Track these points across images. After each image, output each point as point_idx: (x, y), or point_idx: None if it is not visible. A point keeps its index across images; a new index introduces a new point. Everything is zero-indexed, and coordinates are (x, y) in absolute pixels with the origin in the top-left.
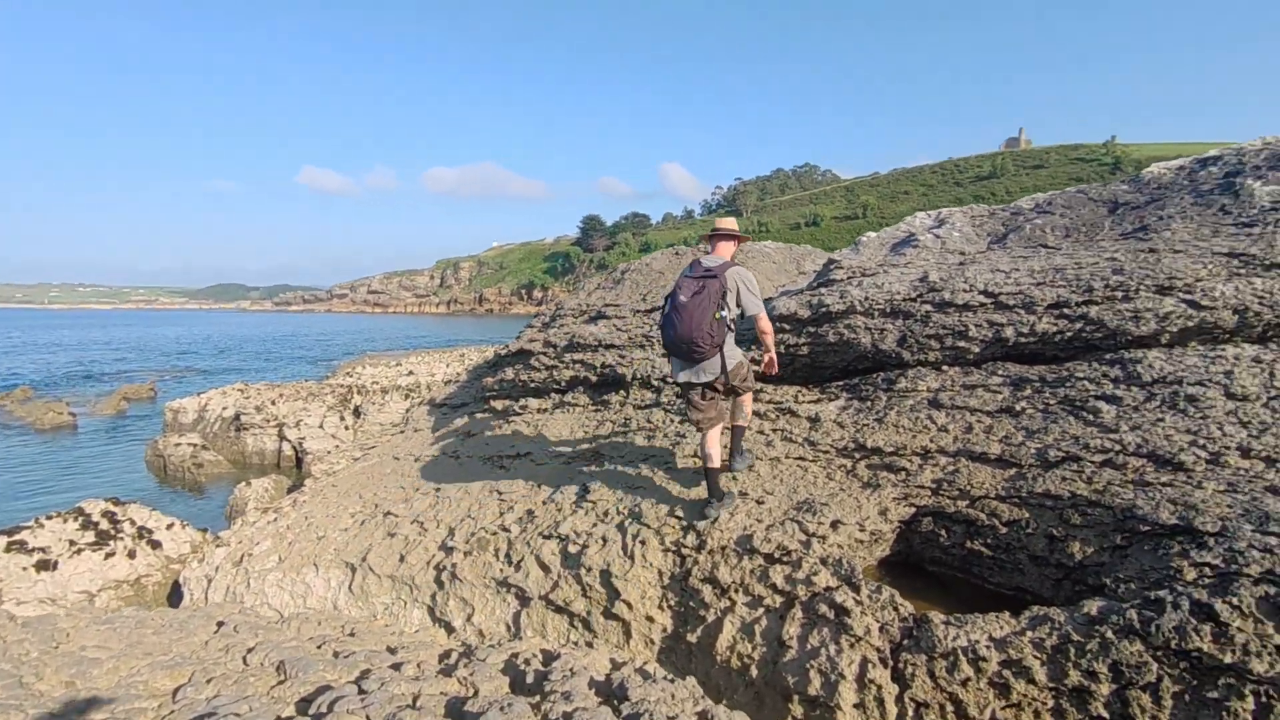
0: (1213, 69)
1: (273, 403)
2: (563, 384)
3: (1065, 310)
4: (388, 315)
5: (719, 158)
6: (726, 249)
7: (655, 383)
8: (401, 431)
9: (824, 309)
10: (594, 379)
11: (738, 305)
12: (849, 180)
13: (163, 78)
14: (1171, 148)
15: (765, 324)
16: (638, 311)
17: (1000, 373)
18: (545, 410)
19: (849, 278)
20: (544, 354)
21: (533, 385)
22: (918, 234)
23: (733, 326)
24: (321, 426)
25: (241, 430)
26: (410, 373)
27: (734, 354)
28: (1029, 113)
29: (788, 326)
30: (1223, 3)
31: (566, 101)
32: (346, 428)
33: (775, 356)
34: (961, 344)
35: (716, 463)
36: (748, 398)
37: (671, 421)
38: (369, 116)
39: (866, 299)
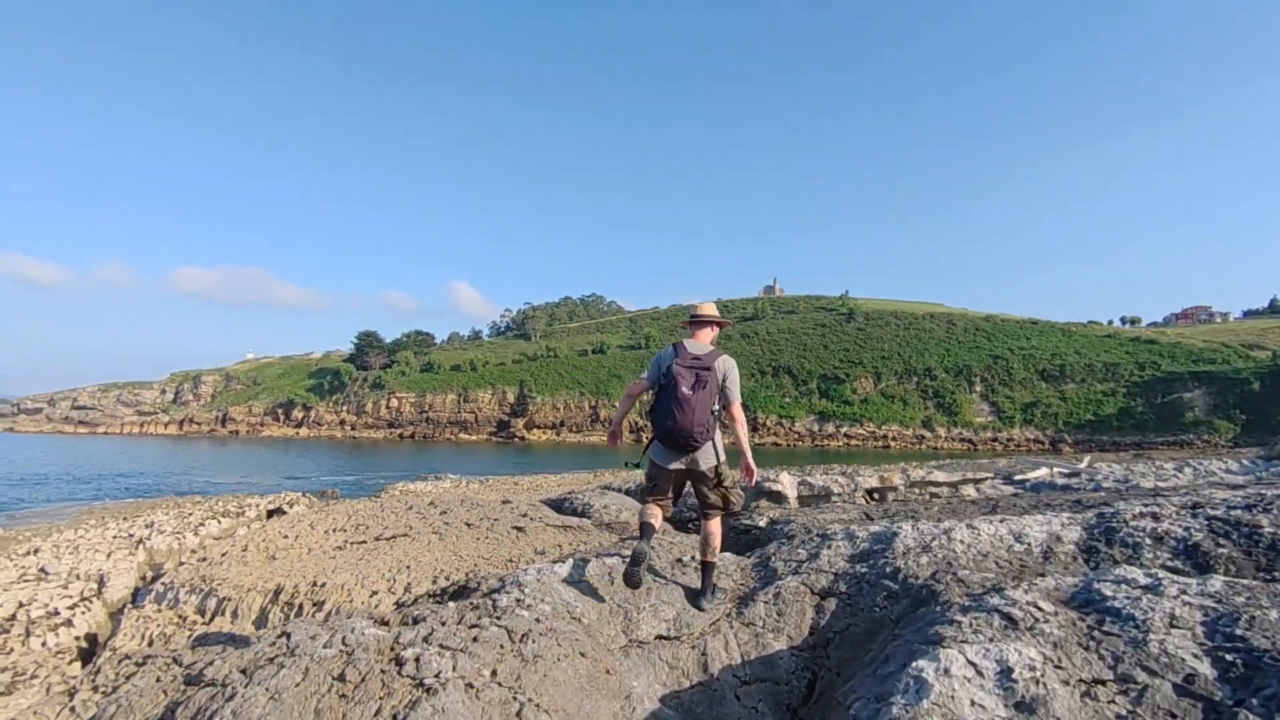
0: (921, 243)
1: None
2: None
3: None
4: (96, 437)
5: (509, 280)
6: (708, 335)
7: None
8: None
9: None
10: None
11: (723, 395)
12: (633, 312)
13: None
14: (889, 303)
15: (740, 412)
16: None
17: None
18: None
19: None
20: None
21: None
22: None
23: (721, 419)
24: None
25: None
26: (44, 573)
27: (720, 447)
28: (781, 265)
29: None
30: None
31: (349, 205)
32: None
33: (752, 461)
34: None
35: (657, 524)
36: (716, 525)
37: None
38: (104, 202)
39: None
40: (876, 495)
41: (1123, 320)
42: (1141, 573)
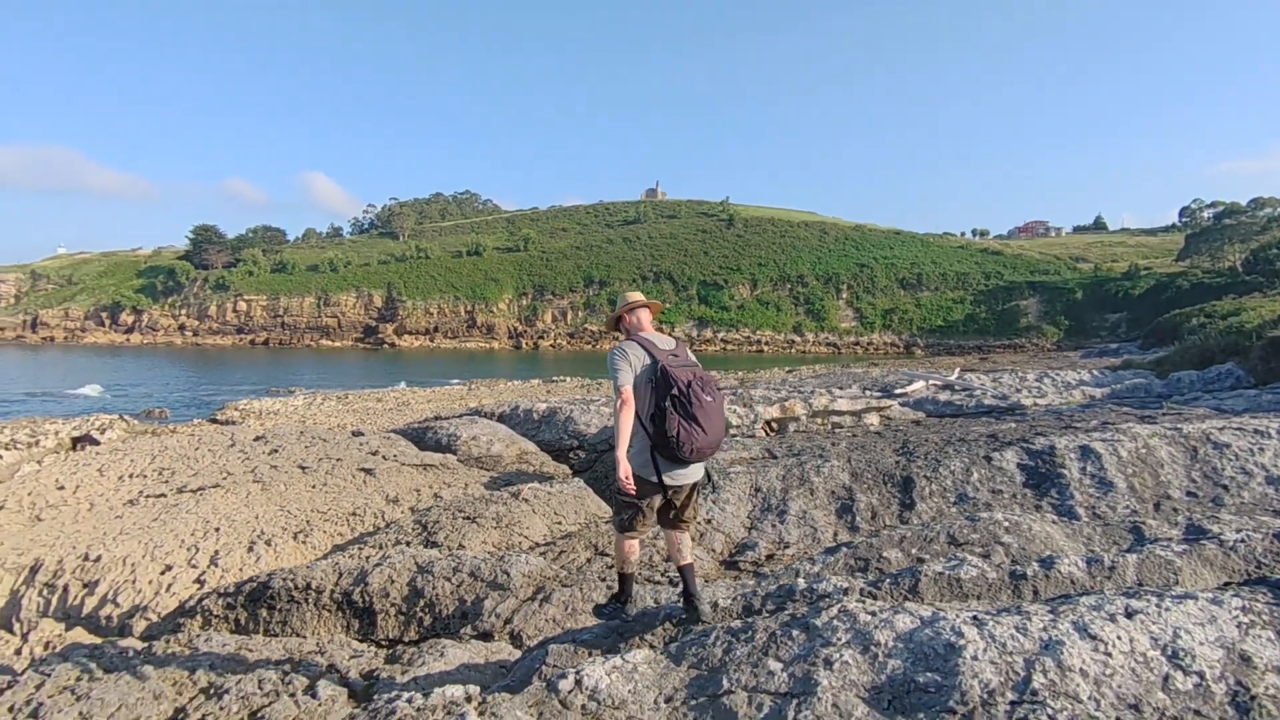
0: (801, 158)
1: None
2: None
3: None
4: None
5: (373, 173)
6: (651, 321)
7: None
8: None
9: None
10: None
11: None
12: (510, 212)
13: None
14: (767, 211)
15: None
16: None
17: None
18: None
19: None
20: None
21: None
22: None
23: None
24: None
25: None
26: None
27: None
28: (663, 168)
29: None
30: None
31: (181, 81)
32: None
33: None
34: None
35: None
36: (689, 529)
37: None
38: None
39: None
40: (776, 426)
41: (974, 232)
42: None
